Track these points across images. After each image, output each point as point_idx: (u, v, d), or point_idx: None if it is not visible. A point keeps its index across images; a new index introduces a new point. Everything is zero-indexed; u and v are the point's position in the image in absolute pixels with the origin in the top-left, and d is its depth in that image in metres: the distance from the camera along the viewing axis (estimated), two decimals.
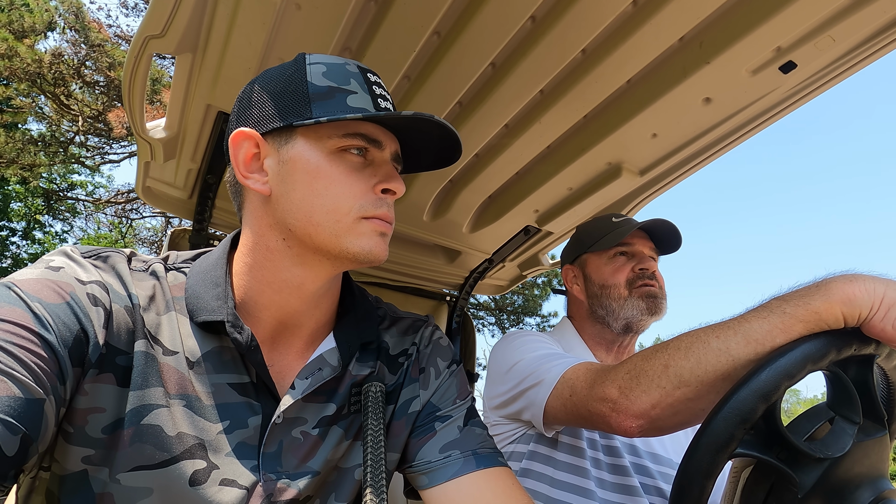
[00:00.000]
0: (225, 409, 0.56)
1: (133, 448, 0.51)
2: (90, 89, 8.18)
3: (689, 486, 0.51)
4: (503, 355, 1.02)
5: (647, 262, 1.13)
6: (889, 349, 0.60)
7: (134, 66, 0.94)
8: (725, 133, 1.19)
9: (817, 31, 0.93)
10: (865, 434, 0.55)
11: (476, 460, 0.64)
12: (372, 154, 0.61)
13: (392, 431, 0.67)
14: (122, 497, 0.51)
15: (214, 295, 0.58)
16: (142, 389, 0.53)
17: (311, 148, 0.58)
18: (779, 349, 0.57)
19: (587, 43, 1.00)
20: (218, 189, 1.35)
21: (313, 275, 0.61)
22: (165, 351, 0.56)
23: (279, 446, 0.59)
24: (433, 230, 1.64)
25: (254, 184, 0.59)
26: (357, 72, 0.60)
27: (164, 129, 1.15)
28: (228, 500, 0.54)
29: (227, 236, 0.67)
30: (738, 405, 0.51)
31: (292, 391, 0.60)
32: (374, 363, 0.68)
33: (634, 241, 1.15)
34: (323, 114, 0.56)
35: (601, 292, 1.13)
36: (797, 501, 0.51)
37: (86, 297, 0.51)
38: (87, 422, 0.50)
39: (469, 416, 0.70)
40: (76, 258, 0.55)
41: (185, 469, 0.53)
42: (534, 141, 1.27)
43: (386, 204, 0.60)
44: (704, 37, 1.00)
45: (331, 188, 0.57)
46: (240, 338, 0.56)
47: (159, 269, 0.61)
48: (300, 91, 0.57)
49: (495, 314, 11.60)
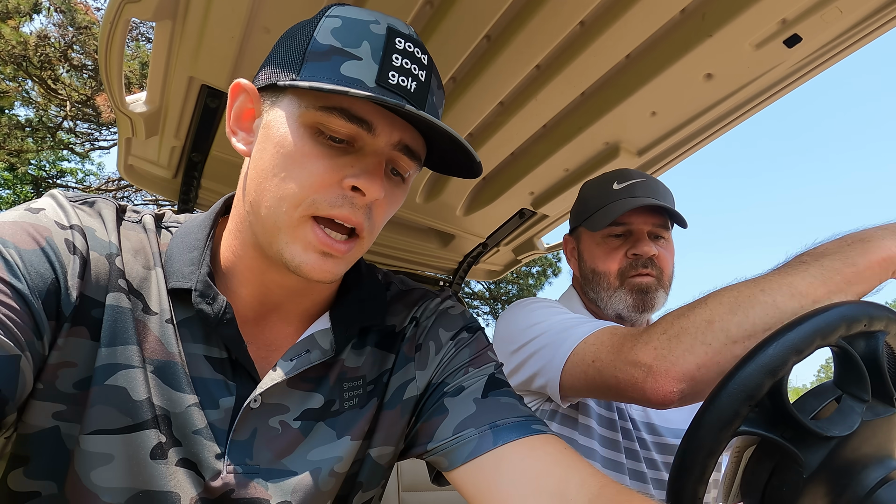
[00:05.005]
0: (198, 384, 0.51)
1: (95, 409, 0.47)
2: (78, 73, 8.01)
3: (690, 464, 0.49)
4: (515, 317, 0.91)
5: (645, 244, 0.95)
6: None
7: (110, 33, 0.89)
8: (727, 111, 1.16)
9: (824, 2, 0.90)
10: (874, 413, 0.52)
11: (494, 435, 0.53)
12: (361, 140, 0.50)
13: (381, 424, 0.60)
14: (81, 461, 0.47)
15: (189, 259, 0.53)
16: (112, 346, 0.48)
17: (289, 115, 0.49)
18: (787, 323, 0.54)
19: (585, 14, 0.96)
20: (204, 168, 1.31)
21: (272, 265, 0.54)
22: (146, 308, 0.51)
23: (252, 434, 0.53)
24: (426, 213, 1.61)
25: (237, 141, 0.54)
26: (381, 34, 0.49)
27: (146, 104, 1.10)
28: (184, 485, 0.49)
29: (222, 197, 0.62)
30: (743, 381, 0.48)
31: (273, 373, 0.54)
32: (371, 351, 0.61)
33: (632, 218, 0.97)
34: (307, 77, 0.48)
35: (592, 277, 1.01)
36: (802, 482, 0.49)
37: (63, 243, 0.47)
38: (57, 377, 0.46)
39: (491, 386, 0.58)
40: (60, 201, 0.50)
41: (149, 439, 0.48)
42: (530, 119, 1.23)
43: (350, 204, 0.49)
44: (707, 8, 0.96)
45: (290, 169, 0.48)
46: (208, 309, 0.51)
47: (150, 223, 0.56)
48: (300, 47, 0.50)
49: (490, 303, 11.61)
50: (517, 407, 0.57)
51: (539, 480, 0.50)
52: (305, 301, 0.58)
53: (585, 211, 1.04)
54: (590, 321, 0.81)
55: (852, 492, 0.50)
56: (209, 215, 0.58)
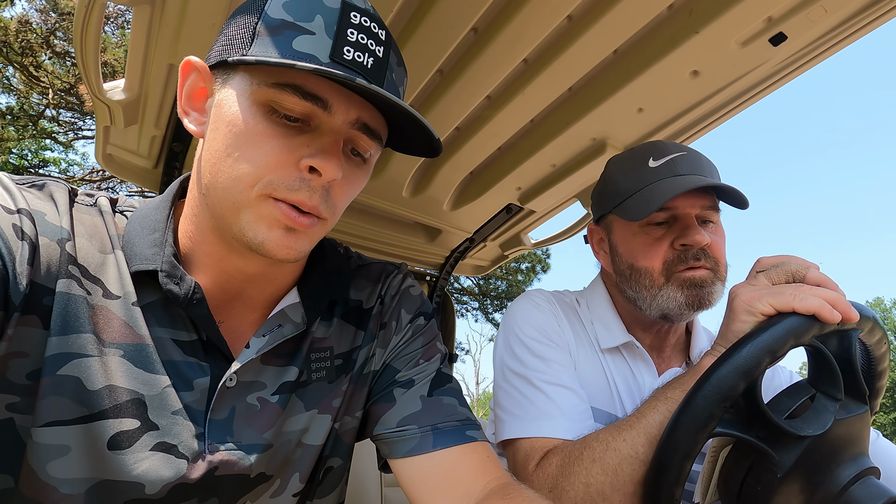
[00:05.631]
0: (169, 367, 0.50)
1: (46, 401, 0.45)
2: (61, 60, 7.83)
3: (667, 466, 0.49)
4: (511, 330, 0.88)
5: (694, 233, 0.79)
6: (872, 323, 0.58)
7: (85, 17, 0.86)
8: (713, 108, 1.16)
9: (810, 1, 0.90)
10: (846, 411, 0.53)
11: (435, 437, 0.59)
12: (317, 118, 0.48)
13: (348, 397, 0.62)
14: (36, 454, 0.45)
15: (151, 241, 0.52)
16: (63, 335, 0.46)
17: (240, 93, 0.47)
18: (761, 323, 0.54)
19: (573, 8, 0.95)
20: (185, 158, 1.28)
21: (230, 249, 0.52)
22: (106, 293, 0.49)
23: (230, 413, 0.53)
24: (413, 207, 1.60)
25: (189, 122, 0.53)
26: (336, 7, 0.48)
27: (124, 91, 1.07)
28: (158, 469, 0.48)
29: (177, 179, 0.60)
30: (718, 382, 0.49)
31: (246, 350, 0.54)
32: (338, 323, 0.62)
33: (676, 201, 0.81)
34: (257, 53, 0.46)
35: (630, 274, 0.85)
36: (777, 481, 0.49)
37: (10, 229, 0.45)
38: (8, 368, 0.45)
39: (436, 384, 0.63)
40: (7, 184, 0.48)
41: (107, 429, 0.47)
42: (517, 114, 1.22)
43: (308, 187, 0.48)
44: (694, 5, 0.96)
45: (243, 149, 0.47)
46: (176, 290, 0.50)
47: (105, 206, 0.54)
48: (251, 21, 0.48)
49: (479, 299, 11.63)
50: (456, 409, 0.62)
51: (458, 485, 0.57)
52: (269, 287, 0.58)
53: (617, 195, 0.87)
54: (549, 401, 0.78)
55: (826, 489, 0.50)
56: (166, 197, 0.56)
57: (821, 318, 0.51)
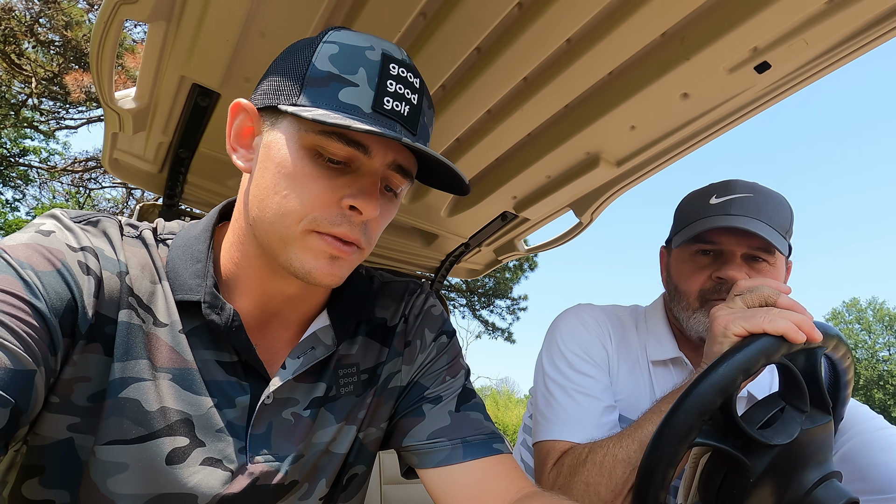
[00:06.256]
0: (213, 387, 0.55)
1: (109, 421, 0.50)
2: (44, 49, 7.67)
3: (652, 474, 0.54)
4: (554, 342, 0.97)
5: (732, 268, 0.86)
6: (836, 340, 0.65)
7: (103, 32, 0.89)
8: (701, 128, 1.23)
9: (792, 34, 0.96)
10: (812, 421, 0.59)
11: (465, 449, 0.63)
12: (358, 160, 0.53)
13: (373, 409, 0.66)
14: (97, 470, 0.50)
15: (193, 272, 0.56)
16: (124, 361, 0.51)
17: (289, 138, 0.52)
18: (736, 344, 0.60)
19: (573, 33, 1.00)
20: (190, 164, 1.31)
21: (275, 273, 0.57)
22: (157, 322, 0.54)
23: (268, 428, 0.58)
24: (411, 213, 1.64)
25: (237, 158, 0.57)
26: (377, 60, 0.52)
27: (135, 100, 1.10)
28: (209, 481, 0.53)
29: (217, 206, 0.64)
30: (697, 398, 0.54)
31: (283, 371, 0.58)
32: (364, 341, 0.67)
33: (723, 237, 0.88)
34: (307, 103, 0.51)
35: (674, 294, 0.95)
36: (750, 485, 0.55)
37: (76, 265, 0.49)
38: (72, 391, 0.49)
39: (463, 399, 0.68)
40: (66, 223, 0.52)
41: (164, 446, 0.51)
42: (515, 128, 1.27)
43: (349, 222, 0.52)
44: (686, 33, 1.01)
45: (291, 188, 0.51)
46: (217, 319, 0.54)
47: (149, 237, 0.58)
48: (299, 72, 0.52)
49: (466, 296, 11.70)
50: (482, 423, 0.67)
51: (489, 494, 0.61)
52: (303, 307, 0.62)
53: (678, 223, 0.99)
54: (579, 407, 0.87)
55: (793, 492, 0.57)
56: (207, 227, 0.60)
57: (788, 338, 0.58)
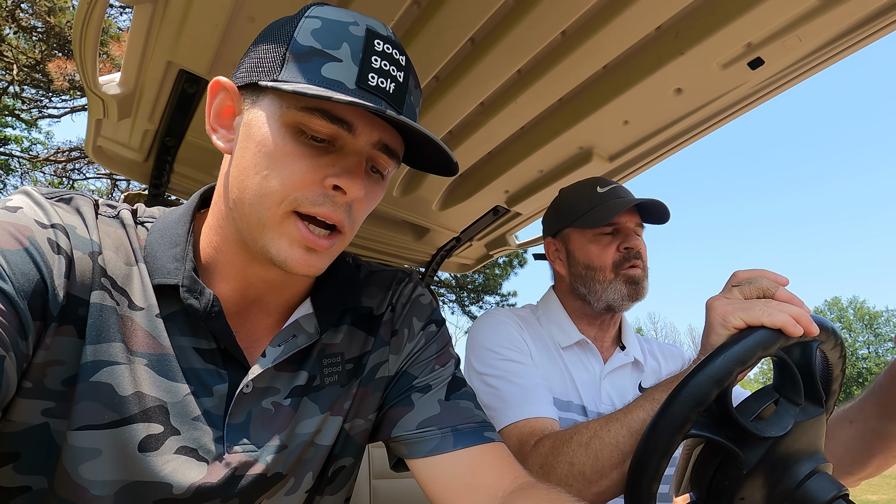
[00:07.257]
0: (190, 374, 0.53)
1: (81, 406, 0.48)
2: (26, 35, 7.48)
3: (646, 464, 0.54)
4: (479, 343, 1.03)
5: (633, 239, 1.07)
6: (831, 334, 0.65)
7: (86, 15, 0.86)
8: (693, 124, 1.23)
9: (786, 30, 0.97)
10: (805, 414, 0.59)
11: (455, 438, 0.61)
12: (342, 139, 0.51)
13: (359, 400, 0.64)
14: (69, 456, 0.48)
15: (172, 255, 0.54)
16: (96, 344, 0.49)
17: (270, 115, 0.50)
18: (733, 336, 0.60)
19: (567, 25, 0.99)
20: (177, 153, 1.28)
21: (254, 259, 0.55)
22: (132, 304, 0.51)
23: (247, 417, 0.55)
24: (402, 206, 1.63)
25: (217, 139, 0.55)
26: (361, 35, 0.50)
27: (119, 86, 1.06)
28: (183, 470, 0.51)
29: (198, 191, 0.62)
30: (693, 390, 0.54)
31: (262, 359, 0.56)
32: (349, 330, 0.65)
33: (621, 217, 1.08)
34: (288, 78, 0.48)
35: (585, 273, 1.08)
36: (743, 476, 0.55)
37: (46, 243, 0.46)
38: (45, 375, 0.47)
39: (453, 388, 0.66)
40: (37, 198, 0.50)
41: (137, 432, 0.49)
42: (508, 121, 1.27)
43: (332, 202, 0.50)
44: (681, 27, 1.01)
45: (271, 168, 0.49)
46: (196, 304, 0.52)
47: (127, 218, 0.56)
48: (280, 47, 0.50)
49: (455, 292, 11.71)
50: (473, 411, 0.65)
51: (482, 483, 0.60)
52: (286, 293, 0.60)
53: (573, 213, 1.12)
54: (519, 386, 0.93)
55: (785, 484, 0.57)
56: (187, 210, 0.58)
57: (786, 332, 0.58)
